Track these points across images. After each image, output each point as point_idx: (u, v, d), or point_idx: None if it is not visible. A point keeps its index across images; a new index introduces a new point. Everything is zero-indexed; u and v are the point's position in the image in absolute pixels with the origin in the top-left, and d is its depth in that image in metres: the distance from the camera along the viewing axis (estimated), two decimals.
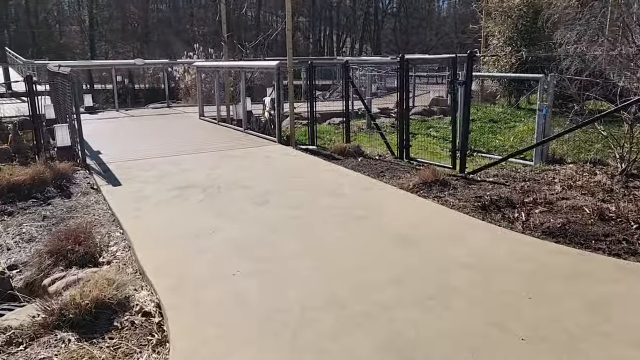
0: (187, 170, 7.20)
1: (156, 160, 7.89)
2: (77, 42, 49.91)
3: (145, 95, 24.04)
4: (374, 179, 6.70)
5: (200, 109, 12.56)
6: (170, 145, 9.06)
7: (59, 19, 51.67)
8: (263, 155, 8.18)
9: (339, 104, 15.31)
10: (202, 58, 18.89)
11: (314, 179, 6.76)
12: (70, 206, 5.84)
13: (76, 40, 49.98)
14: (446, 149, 9.24)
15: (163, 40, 41.62)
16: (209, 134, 10.27)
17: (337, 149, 8.28)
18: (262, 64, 9.68)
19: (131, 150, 8.63)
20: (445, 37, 50.58)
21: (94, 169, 7.32)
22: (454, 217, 5.20)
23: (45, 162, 6.98)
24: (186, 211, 5.45)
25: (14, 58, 31.33)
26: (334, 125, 11.76)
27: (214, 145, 8.94)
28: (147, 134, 10.36)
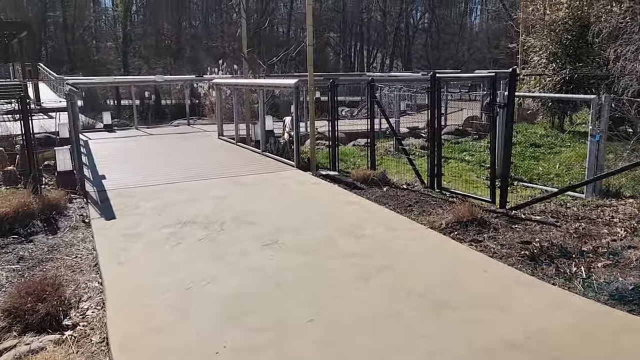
0: (193, 200, 6.44)
1: (163, 186, 7.17)
2: (111, 58, 50.60)
3: (171, 111, 23.68)
4: (400, 215, 5.80)
5: (220, 128, 11.89)
6: (181, 168, 8.36)
7: (95, 36, 52.56)
8: (278, 182, 7.38)
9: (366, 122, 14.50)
10: (227, 74, 18.36)
11: (333, 213, 5.90)
12: (53, 245, 5.12)
13: (110, 56, 50.69)
14: (482, 176, 8.28)
15: (193, 57, 41.69)
16: (224, 156, 9.54)
17: (360, 177, 7.41)
18: (280, 82, 8.93)
19: (139, 175, 7.95)
20: (477, 52, 49.36)
21: (93, 198, 6.63)
22: (496, 271, 4.26)
23: (36, 190, 6.33)
24: (180, 255, 4.66)
25: (47, 74, 31.60)
26: (360, 147, 10.90)
27: (227, 170, 8.19)
28: (160, 155, 9.70)
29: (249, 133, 10.92)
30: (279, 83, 8.94)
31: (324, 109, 18.53)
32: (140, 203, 6.35)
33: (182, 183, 7.36)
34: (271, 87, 9.61)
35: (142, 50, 51.45)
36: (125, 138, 12.27)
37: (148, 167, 8.58)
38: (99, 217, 5.84)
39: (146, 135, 12.73)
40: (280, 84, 8.85)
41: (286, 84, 8.53)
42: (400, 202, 6.40)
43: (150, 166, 8.63)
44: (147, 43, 51.51)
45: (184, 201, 6.41)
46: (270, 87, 9.60)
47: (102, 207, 6.22)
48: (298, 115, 8.29)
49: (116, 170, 8.36)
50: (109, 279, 4.17)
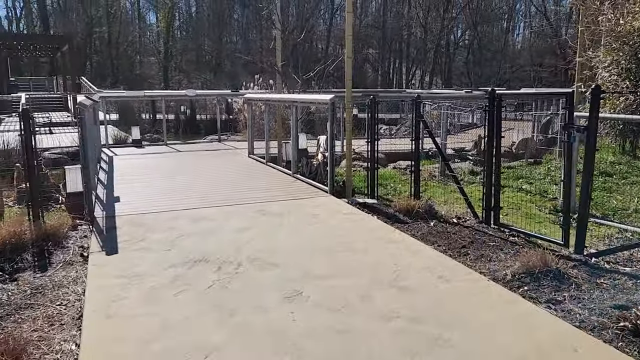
0: (209, 232, 5.55)
1: (179, 213, 6.32)
2: (152, 72, 51.22)
3: (206, 126, 23.21)
4: (453, 260, 4.74)
5: (250, 146, 11.08)
6: (203, 192, 7.52)
7: (138, 51, 53.36)
8: (309, 212, 6.42)
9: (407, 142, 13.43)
10: (262, 89, 17.68)
11: (370, 254, 4.90)
12: (39, 286, 4.29)
13: (152, 70, 51.31)
14: (545, 209, 7.12)
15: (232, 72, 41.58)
16: (251, 178, 8.66)
17: (403, 207, 6.38)
18: (315, 97, 8.03)
19: (156, 198, 7.15)
20: (520, 70, 47.64)
21: (99, 225, 5.83)
22: (592, 353, 3.16)
23: (38, 215, 5.58)
24: (182, 308, 3.75)
25: (89, 88, 31.83)
26: (401, 170, 9.87)
27: (252, 194, 7.30)
28: (184, 175, 8.91)
29: (281, 152, 10.05)
30: (313, 99, 8.06)
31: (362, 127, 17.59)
32: (149, 234, 5.50)
33: (201, 210, 6.50)
34: (305, 103, 8.73)
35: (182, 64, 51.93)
36: (152, 155, 11.60)
37: (168, 188, 7.78)
38: (99, 250, 5.00)
39: (174, 152, 12.04)
40: (314, 100, 7.98)
41: (321, 100, 7.63)
42: (451, 241, 5.34)
43: (171, 187, 7.83)
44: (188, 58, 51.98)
45: (199, 233, 5.52)
46: (304, 103, 8.73)
47: (107, 237, 5.40)
48: (333, 135, 7.35)
49: (133, 191, 7.59)
50: (87, 342, 3.28)
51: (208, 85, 41.41)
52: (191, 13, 53.91)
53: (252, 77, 20.93)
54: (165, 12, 47.37)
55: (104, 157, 11.26)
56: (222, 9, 47.93)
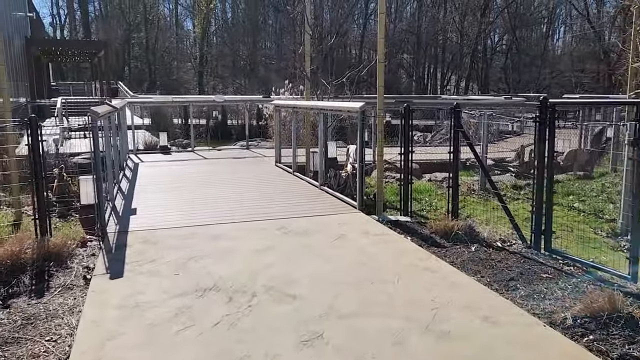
0: (224, 253, 5.01)
1: (196, 229, 5.81)
2: (188, 77, 51.64)
3: (237, 131, 22.93)
4: (500, 297, 4.05)
5: (277, 154, 10.56)
6: (223, 205, 7.00)
7: (175, 56, 53.91)
8: (335, 231, 5.80)
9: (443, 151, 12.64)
10: (293, 95, 17.19)
11: (403, 287, 4.25)
12: (31, 315, 3.82)
13: (187, 75, 51.73)
14: (602, 232, 6.31)
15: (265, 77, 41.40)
16: (276, 189, 8.11)
17: (440, 228, 5.70)
18: (343, 105, 7.42)
19: (174, 211, 6.67)
20: (560, 75, 45.89)
21: (109, 243, 5.37)
22: None
23: (45, 230, 5.15)
24: (182, 352, 3.20)
25: (125, 92, 32.08)
26: (436, 183, 9.16)
27: (275, 209, 6.74)
28: (206, 185, 8.43)
29: (308, 162, 9.49)
30: (342, 106, 7.46)
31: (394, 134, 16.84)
32: (161, 253, 4.99)
33: (219, 226, 5.97)
34: (334, 111, 8.13)
35: (218, 70, 52.20)
36: (178, 162, 11.21)
37: (188, 200, 7.30)
38: (103, 272, 4.52)
39: (200, 160, 11.63)
40: (343, 108, 7.38)
41: (350, 108, 7.02)
42: (496, 271, 4.64)
43: (191, 199, 7.35)
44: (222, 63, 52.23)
45: (214, 253, 4.99)
46: (333, 111, 8.13)
47: (114, 257, 4.91)
48: (363, 147, 6.73)
49: (152, 203, 7.14)
50: None
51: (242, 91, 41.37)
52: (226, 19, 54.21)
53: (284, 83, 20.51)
54: (201, 19, 47.68)
55: (130, 163, 10.93)
56: (256, 14, 47.96)
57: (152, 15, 49.78)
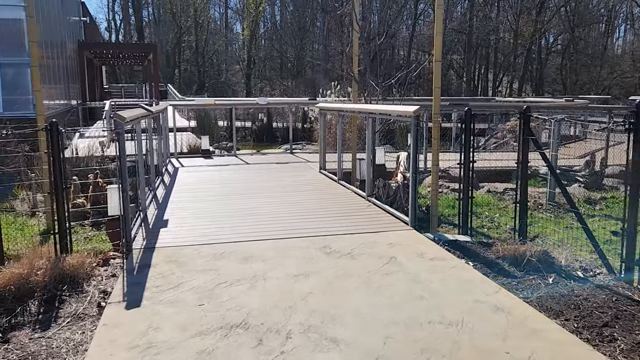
0: (256, 279, 4.35)
1: (228, 247, 5.20)
2: (236, 79, 51.93)
3: (282, 134, 22.40)
4: (594, 351, 3.19)
5: (322, 160, 9.87)
6: (260, 217, 6.37)
7: (224, 59, 54.37)
8: (384, 253, 5.05)
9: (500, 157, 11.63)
10: (339, 97, 16.52)
11: (469, 331, 3.45)
12: (31, 354, 3.27)
13: (235, 78, 52.03)
14: None
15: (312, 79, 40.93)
16: (319, 200, 7.41)
17: (508, 253, 4.85)
18: (394, 109, 6.64)
19: (207, 224, 6.09)
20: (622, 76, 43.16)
21: (132, 262, 4.82)
22: None
23: (66, 248, 4.66)
24: None
25: (173, 94, 32.34)
26: (497, 195, 8.23)
27: (316, 224, 6.04)
28: (243, 194, 7.83)
29: (355, 169, 8.76)
30: (392, 110, 6.70)
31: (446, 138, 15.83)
32: (186, 277, 4.39)
33: (254, 243, 5.33)
34: (384, 115, 7.37)
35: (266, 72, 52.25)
36: (218, 167, 10.70)
37: (223, 212, 6.71)
38: (119, 300, 3.95)
39: (241, 165, 11.09)
40: (394, 112, 6.61)
41: (403, 112, 6.25)
42: (584, 312, 3.77)
43: (226, 211, 6.76)
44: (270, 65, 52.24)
45: (245, 278, 4.34)
46: (383, 115, 7.37)
47: (135, 280, 4.35)
48: (417, 156, 5.93)
49: (184, 213, 6.60)
50: None
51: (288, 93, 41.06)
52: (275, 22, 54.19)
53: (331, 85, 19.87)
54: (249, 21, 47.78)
55: (170, 168, 10.53)
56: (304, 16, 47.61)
57: (201, 18, 50.32)
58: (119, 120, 4.93)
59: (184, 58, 52.70)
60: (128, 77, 53.86)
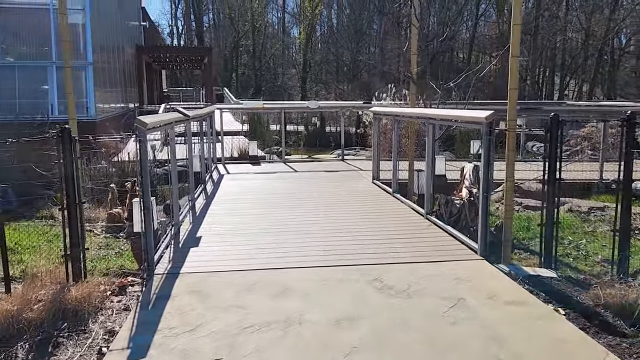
0: (291, 323, 3.51)
1: (260, 275, 4.40)
2: (292, 83, 51.73)
3: (336, 139, 21.58)
4: None
5: (375, 170, 8.96)
6: (302, 237, 5.55)
7: (280, 62, 54.36)
8: (449, 290, 4.08)
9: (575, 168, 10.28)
10: (395, 100, 15.51)
11: None
12: None
13: (291, 81, 51.84)
14: None
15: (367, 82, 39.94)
16: (370, 217, 6.48)
17: (612, 299, 3.76)
18: (460, 115, 5.64)
19: (240, 245, 5.33)
20: None
21: (150, 291, 4.11)
22: None
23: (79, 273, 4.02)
24: None
25: (229, 98, 32.30)
26: (580, 215, 7.02)
27: (367, 248, 5.14)
28: (287, 207, 7.03)
29: (411, 181, 7.80)
30: (459, 116, 5.71)
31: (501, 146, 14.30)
32: (207, 315, 3.62)
33: (290, 271, 4.51)
34: (446, 121, 6.38)
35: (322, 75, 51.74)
36: (265, 175, 10.00)
37: (261, 228, 5.94)
38: (123, 347, 3.22)
39: (289, 173, 10.34)
40: (461, 117, 5.62)
41: (472, 118, 5.25)
42: None
43: (265, 227, 5.98)
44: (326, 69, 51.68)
45: (275, 322, 3.51)
46: (446, 121, 6.38)
47: (148, 318, 3.61)
48: (491, 170, 4.92)
49: (219, 229, 5.89)
50: None
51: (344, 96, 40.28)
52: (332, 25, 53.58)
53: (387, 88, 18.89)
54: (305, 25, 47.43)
55: (215, 175, 9.94)
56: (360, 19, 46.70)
57: (259, 23, 50.48)
58: (140, 127, 4.25)
59: (242, 62, 53.08)
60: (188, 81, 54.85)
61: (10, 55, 13.75)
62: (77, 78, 13.79)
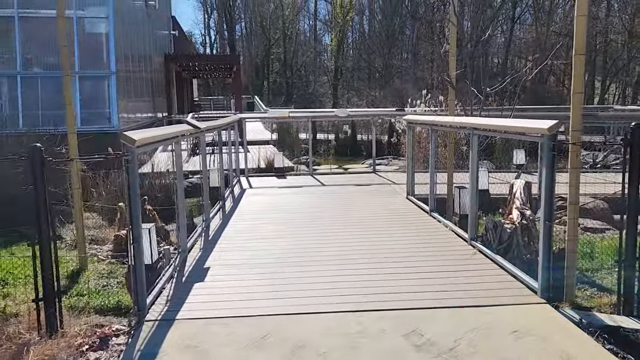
0: None
1: (272, 324, 3.59)
2: (323, 90, 51.08)
3: (367, 147, 20.68)
4: None
5: (410, 184, 8.04)
6: (326, 274, 4.71)
7: (312, 70, 53.85)
8: (506, 352, 3.17)
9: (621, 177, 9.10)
10: (429, 107, 14.56)
11: None
12: None
13: (322, 88, 51.19)
14: None
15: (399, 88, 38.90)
16: (404, 244, 5.56)
17: None
18: (510, 125, 4.67)
19: (251, 280, 4.55)
20: None
21: (135, 346, 3.35)
22: None
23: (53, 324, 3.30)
24: None
25: (259, 106, 31.84)
26: None
27: (401, 288, 4.26)
28: (309, 231, 6.16)
29: (450, 197, 6.88)
30: (511, 126, 4.76)
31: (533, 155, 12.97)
32: None
33: (310, 317, 3.69)
34: (495, 132, 5.44)
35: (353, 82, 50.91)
36: (290, 190, 9.21)
37: (279, 257, 5.13)
38: None
39: (316, 187, 9.52)
40: (514, 128, 4.66)
41: (529, 129, 4.31)
42: None
43: (284, 257, 5.18)
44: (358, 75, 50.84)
45: None
46: (496, 132, 5.44)
47: None
48: (553, 190, 3.98)
49: (230, 258, 5.12)
50: None
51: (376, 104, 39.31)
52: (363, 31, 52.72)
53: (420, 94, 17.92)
54: (337, 31, 46.77)
55: (237, 189, 9.21)
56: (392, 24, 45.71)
57: (290, 30, 50.13)
58: (127, 145, 3.51)
59: (273, 70, 52.79)
60: (221, 89, 54.92)
61: (35, 66, 13.45)
62: (100, 88, 13.39)
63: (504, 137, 4.88)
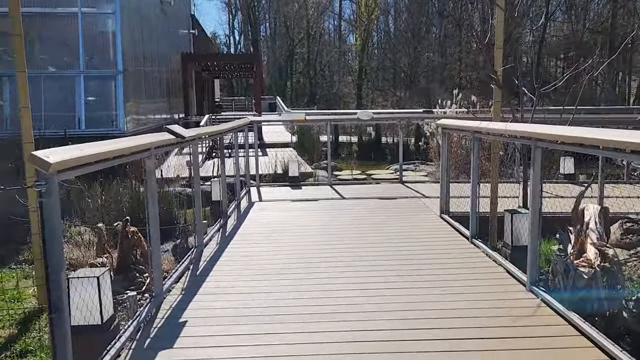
0: None
1: None
2: (347, 90, 49.75)
3: (392, 151, 19.32)
4: None
5: (444, 201, 6.71)
6: (335, 331, 3.46)
7: (336, 70, 52.58)
8: None
9: None
10: (461, 108, 13.14)
11: None
12: None
13: (347, 89, 49.87)
14: None
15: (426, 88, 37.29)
16: (439, 287, 4.24)
17: None
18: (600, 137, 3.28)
19: (240, 345, 3.34)
20: None
21: None
22: None
23: None
24: None
25: (281, 107, 30.73)
26: None
27: (437, 352, 2.99)
28: (323, 261, 4.96)
29: (493, 220, 5.54)
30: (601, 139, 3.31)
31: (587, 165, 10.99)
32: None
33: None
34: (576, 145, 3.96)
35: (378, 82, 49.43)
36: (304, 203, 7.97)
37: (277, 311, 3.91)
38: None
39: (334, 200, 8.27)
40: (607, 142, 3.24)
41: (629, 145, 2.97)
42: None
43: (286, 302, 3.96)
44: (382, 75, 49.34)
45: None
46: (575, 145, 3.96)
47: None
48: None
49: (218, 308, 3.91)
50: None
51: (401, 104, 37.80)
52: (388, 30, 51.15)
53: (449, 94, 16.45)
54: (361, 30, 45.40)
55: (244, 203, 8.03)
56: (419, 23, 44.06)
57: (314, 30, 48.97)
58: (40, 170, 2.33)
59: (296, 70, 51.70)
60: (244, 90, 54.10)
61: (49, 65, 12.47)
62: (106, 88, 12.42)
63: (587, 153, 3.39)
